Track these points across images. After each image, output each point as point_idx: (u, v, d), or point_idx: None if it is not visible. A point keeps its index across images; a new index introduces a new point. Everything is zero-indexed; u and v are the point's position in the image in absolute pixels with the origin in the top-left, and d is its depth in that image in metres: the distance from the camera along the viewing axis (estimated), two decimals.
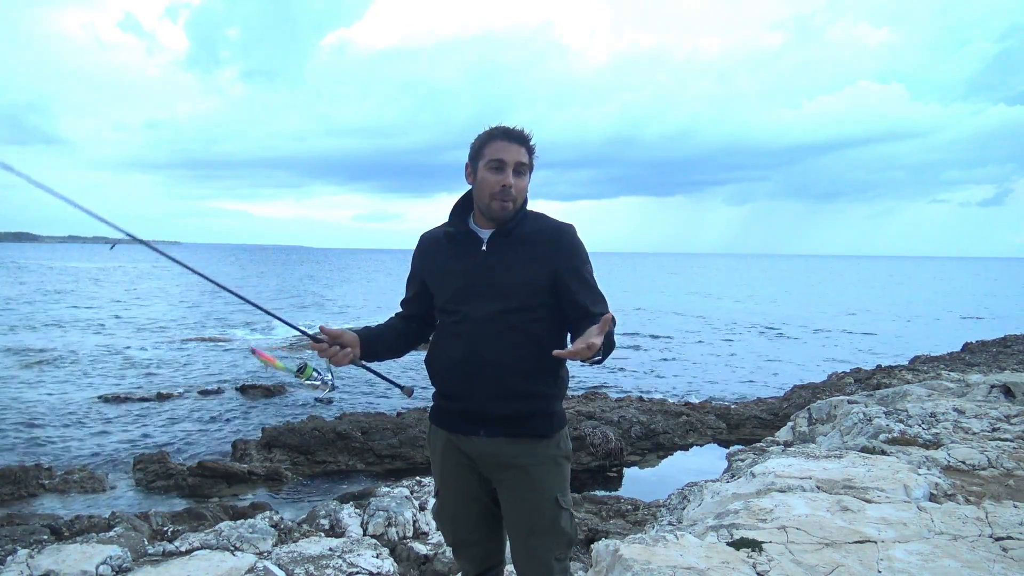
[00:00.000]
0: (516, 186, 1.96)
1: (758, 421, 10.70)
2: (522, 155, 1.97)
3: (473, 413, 1.99)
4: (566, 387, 2.09)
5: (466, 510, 2.12)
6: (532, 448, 1.98)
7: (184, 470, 8.14)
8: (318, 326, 2.06)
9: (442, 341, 2.06)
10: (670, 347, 21.85)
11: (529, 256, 1.96)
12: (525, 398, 1.95)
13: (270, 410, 12.07)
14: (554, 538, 1.99)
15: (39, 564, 3.18)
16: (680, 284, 69.47)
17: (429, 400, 2.16)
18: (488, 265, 1.98)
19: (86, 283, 48.70)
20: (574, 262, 1.97)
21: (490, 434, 1.98)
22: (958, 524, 2.80)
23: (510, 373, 1.92)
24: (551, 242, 1.97)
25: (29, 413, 11.50)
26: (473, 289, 1.98)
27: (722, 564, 2.44)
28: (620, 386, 15.01)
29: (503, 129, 1.97)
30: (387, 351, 2.13)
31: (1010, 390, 5.80)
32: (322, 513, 4.96)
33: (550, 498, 1.97)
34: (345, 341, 1.99)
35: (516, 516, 2.01)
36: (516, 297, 1.93)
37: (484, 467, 2.03)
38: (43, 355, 17.53)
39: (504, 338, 1.93)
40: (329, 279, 67.01)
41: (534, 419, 1.98)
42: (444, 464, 2.11)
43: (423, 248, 2.15)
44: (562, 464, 2.03)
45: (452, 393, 2.04)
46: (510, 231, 1.99)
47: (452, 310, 2.02)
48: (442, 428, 2.10)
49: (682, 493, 4.57)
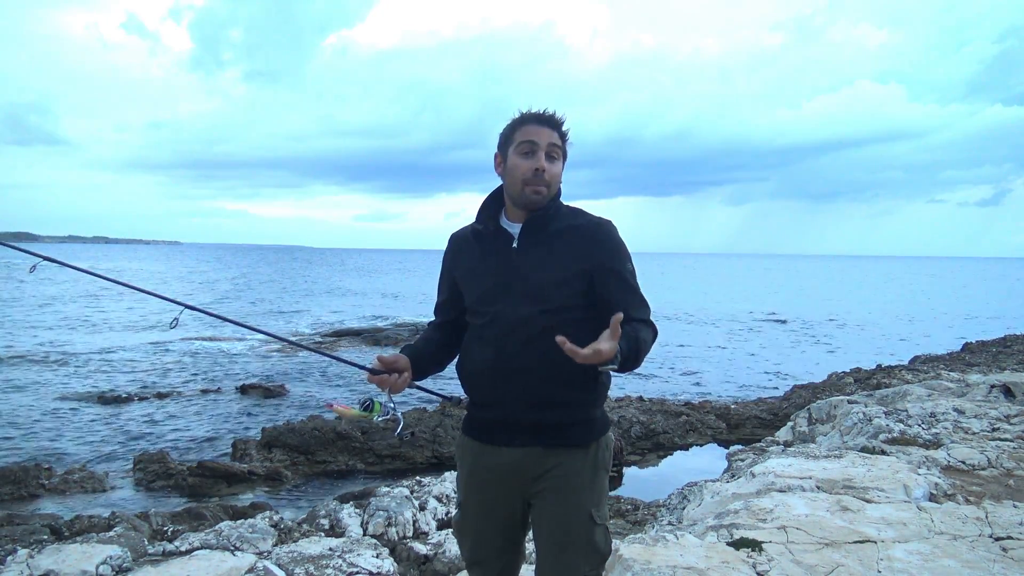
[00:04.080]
0: (549, 171, 1.83)
1: (758, 421, 10.69)
2: (554, 138, 1.84)
3: (505, 422, 1.88)
4: (606, 392, 1.95)
5: (491, 528, 1.99)
6: (568, 459, 1.86)
7: (184, 470, 8.13)
8: (375, 357, 1.93)
9: (472, 346, 1.95)
10: (670, 347, 21.85)
11: (564, 253, 1.82)
12: (561, 406, 1.82)
13: (270, 410, 12.07)
14: (587, 555, 1.86)
15: (39, 564, 3.18)
16: (679, 284, 69.47)
17: (429, 400, 2.14)
18: (519, 263, 1.85)
19: (87, 283, 48.67)
20: (614, 261, 1.83)
21: (524, 444, 1.86)
22: (958, 524, 2.80)
23: (543, 379, 1.79)
24: (589, 238, 1.84)
25: (29, 413, 11.49)
26: (503, 289, 1.85)
27: (722, 564, 2.44)
28: (621, 385, 15.02)
29: (534, 113, 1.85)
30: (432, 365, 2.02)
31: (1010, 390, 5.80)
32: (322, 513, 4.96)
33: (584, 513, 1.85)
34: (401, 366, 1.89)
35: (548, 532, 1.88)
36: (549, 298, 1.81)
37: (517, 480, 1.90)
38: (43, 355, 17.53)
39: (536, 342, 1.79)
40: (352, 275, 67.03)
41: (571, 428, 1.86)
42: (472, 478, 1.99)
43: (453, 248, 2.03)
44: (600, 476, 1.90)
45: (483, 401, 1.93)
46: (544, 223, 1.86)
47: (481, 312, 1.90)
48: (473, 438, 1.97)
49: (682, 493, 4.57)
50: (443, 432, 9.07)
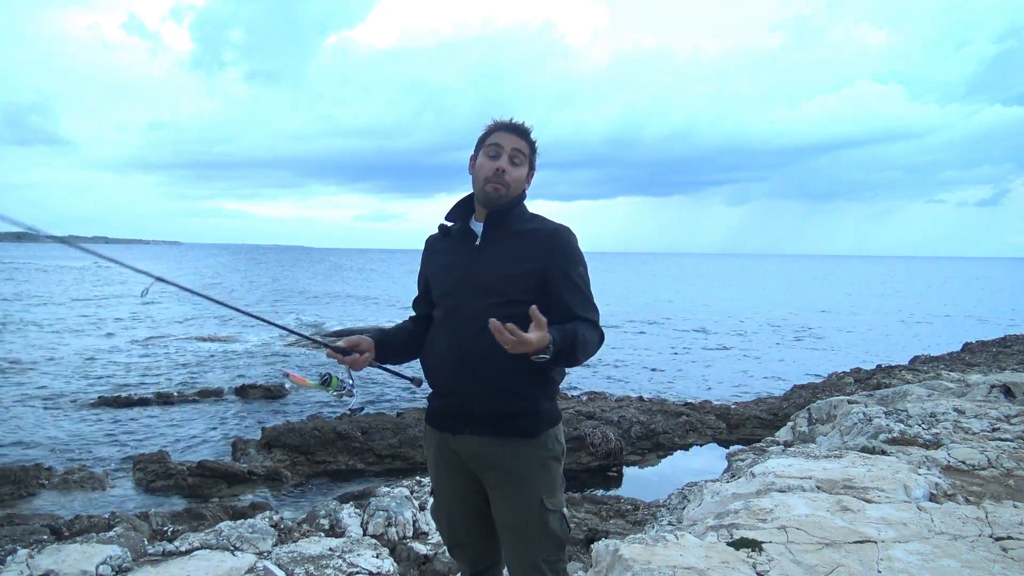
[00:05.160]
0: (511, 173, 1.96)
1: (758, 421, 10.69)
2: (520, 144, 1.98)
3: (460, 410, 1.98)
4: (557, 386, 2.05)
5: (460, 511, 2.11)
6: (517, 448, 1.95)
7: (184, 470, 8.13)
8: (340, 340, 2.12)
9: (434, 336, 2.07)
10: (670, 347, 21.85)
11: (521, 252, 1.95)
12: (511, 396, 1.92)
13: (270, 410, 12.07)
14: (542, 540, 1.97)
15: (39, 564, 3.18)
16: (679, 284, 69.46)
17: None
18: (480, 259, 1.98)
19: (89, 284, 48.67)
20: (565, 264, 1.94)
21: (476, 432, 1.96)
22: (958, 524, 2.79)
23: (497, 369, 1.88)
24: (545, 241, 1.95)
25: (28, 413, 11.49)
26: (464, 283, 1.98)
27: (722, 564, 2.44)
28: (621, 385, 15.01)
29: (504, 122, 2.01)
30: (401, 352, 2.17)
31: (1010, 390, 5.79)
32: (322, 513, 4.96)
33: (535, 500, 1.95)
34: (363, 347, 2.07)
35: (503, 517, 2.00)
36: (505, 291, 1.92)
37: (474, 467, 2.01)
38: (42, 355, 17.53)
39: (491, 333, 1.88)
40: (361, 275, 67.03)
41: (519, 417, 1.95)
42: (438, 464, 2.10)
43: (426, 249, 2.19)
44: (549, 465, 1.99)
45: (441, 390, 2.05)
46: (506, 223, 1.98)
47: (443, 304, 2.04)
48: (435, 427, 2.09)
49: (682, 493, 4.58)
50: None
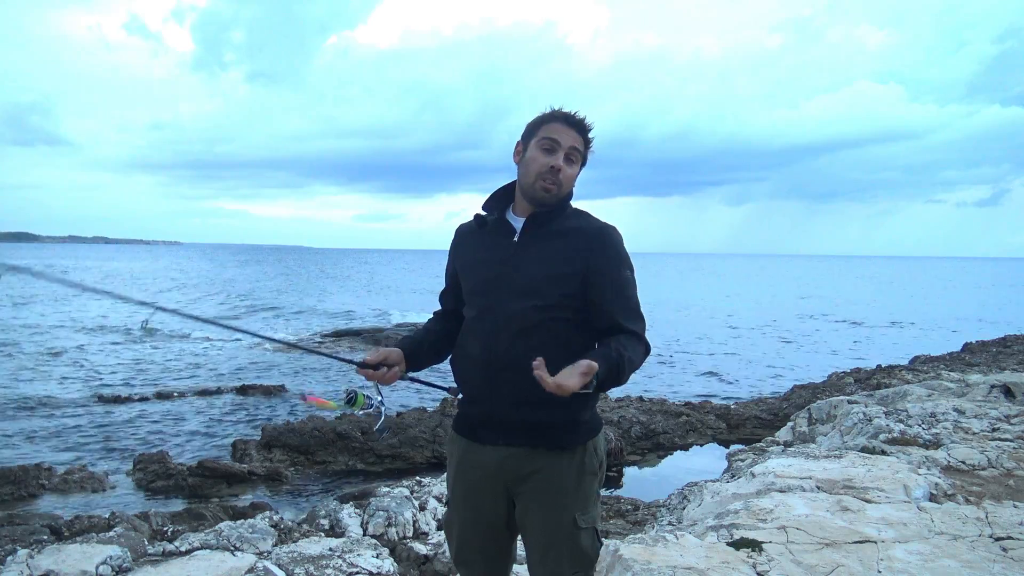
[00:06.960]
0: (565, 171, 1.81)
1: (758, 421, 10.69)
2: (578, 142, 1.83)
3: (493, 419, 1.85)
4: (598, 395, 1.86)
5: (473, 529, 1.97)
6: (553, 462, 1.83)
7: (184, 470, 8.13)
8: (364, 355, 1.95)
9: (465, 339, 1.93)
10: (670, 347, 21.85)
11: (563, 251, 1.80)
12: (547, 405, 1.72)
13: (270, 410, 12.06)
14: (571, 560, 1.85)
15: (39, 564, 3.17)
16: (678, 284, 69.46)
17: (431, 400, 2.13)
18: (517, 257, 1.83)
19: (89, 284, 48.67)
20: (610, 266, 1.80)
21: (509, 443, 1.84)
22: (958, 524, 2.79)
23: (532, 377, 1.70)
24: (589, 240, 1.81)
25: (28, 413, 11.48)
26: (499, 281, 1.83)
27: (722, 564, 2.44)
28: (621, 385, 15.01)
29: (564, 112, 1.84)
30: (431, 357, 2.02)
31: (1010, 390, 5.80)
32: (322, 513, 4.96)
33: (568, 517, 1.83)
34: (392, 360, 1.90)
35: (531, 532, 1.89)
36: (543, 293, 1.78)
37: (502, 479, 1.88)
38: (42, 355, 17.53)
39: (528, 337, 1.76)
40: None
41: (557, 429, 1.82)
42: (458, 477, 1.97)
43: (456, 239, 2.03)
44: (585, 480, 1.87)
45: (473, 397, 1.91)
46: (548, 221, 1.84)
47: (475, 303, 1.90)
48: (462, 436, 1.96)
49: (682, 493, 4.58)
50: (443, 432, 9.05)
